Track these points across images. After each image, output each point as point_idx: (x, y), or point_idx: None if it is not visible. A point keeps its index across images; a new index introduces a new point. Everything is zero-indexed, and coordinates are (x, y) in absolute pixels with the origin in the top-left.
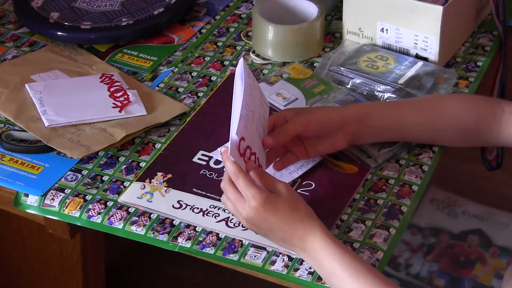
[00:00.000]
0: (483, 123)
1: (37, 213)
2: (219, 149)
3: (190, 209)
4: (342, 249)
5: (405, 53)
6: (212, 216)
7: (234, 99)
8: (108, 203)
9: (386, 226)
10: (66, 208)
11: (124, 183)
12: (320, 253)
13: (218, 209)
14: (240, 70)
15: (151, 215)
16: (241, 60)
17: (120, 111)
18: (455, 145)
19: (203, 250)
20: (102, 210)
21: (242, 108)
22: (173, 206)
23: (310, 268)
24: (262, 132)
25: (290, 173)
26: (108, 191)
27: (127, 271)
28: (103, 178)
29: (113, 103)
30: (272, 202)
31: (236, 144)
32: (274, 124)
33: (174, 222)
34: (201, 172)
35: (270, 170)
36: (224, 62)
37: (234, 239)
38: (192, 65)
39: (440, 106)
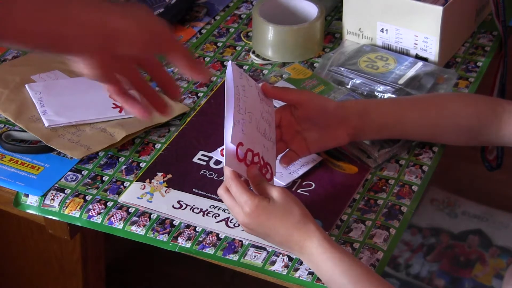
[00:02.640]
0: (483, 121)
1: (37, 213)
2: (219, 149)
3: (190, 209)
4: (340, 253)
5: (405, 53)
6: (212, 216)
7: (226, 105)
8: (108, 203)
9: (386, 226)
10: (66, 208)
11: (124, 183)
12: (318, 259)
13: (218, 209)
14: (229, 74)
15: (151, 215)
16: (229, 64)
17: (120, 111)
18: (455, 144)
19: (203, 250)
20: (102, 210)
21: (235, 114)
22: (173, 206)
23: (310, 268)
24: (267, 127)
25: (290, 173)
26: (108, 191)
27: (127, 271)
28: (103, 178)
29: (113, 103)
30: (264, 207)
31: (233, 153)
32: (281, 117)
33: (174, 222)
34: (201, 172)
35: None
36: (224, 63)
37: (234, 239)
38: None
39: (441, 103)
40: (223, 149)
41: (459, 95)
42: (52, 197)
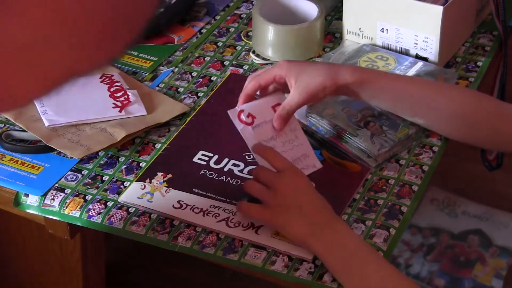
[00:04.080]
0: (482, 112)
1: (37, 213)
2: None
3: (190, 209)
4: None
5: (405, 53)
6: (212, 216)
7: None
8: (108, 203)
9: (386, 226)
10: (66, 208)
11: (124, 183)
12: (347, 232)
13: (218, 209)
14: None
15: (151, 215)
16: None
17: (120, 111)
18: (450, 135)
19: (203, 250)
20: (102, 210)
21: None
22: (173, 206)
23: (310, 268)
24: (286, 142)
25: None
26: (108, 191)
27: (127, 271)
28: (103, 178)
29: (113, 103)
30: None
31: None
32: (274, 78)
33: (174, 222)
34: (201, 172)
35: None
36: (224, 62)
37: (234, 239)
38: (192, 65)
39: (439, 86)
40: (242, 110)
41: (463, 88)
42: (52, 197)
